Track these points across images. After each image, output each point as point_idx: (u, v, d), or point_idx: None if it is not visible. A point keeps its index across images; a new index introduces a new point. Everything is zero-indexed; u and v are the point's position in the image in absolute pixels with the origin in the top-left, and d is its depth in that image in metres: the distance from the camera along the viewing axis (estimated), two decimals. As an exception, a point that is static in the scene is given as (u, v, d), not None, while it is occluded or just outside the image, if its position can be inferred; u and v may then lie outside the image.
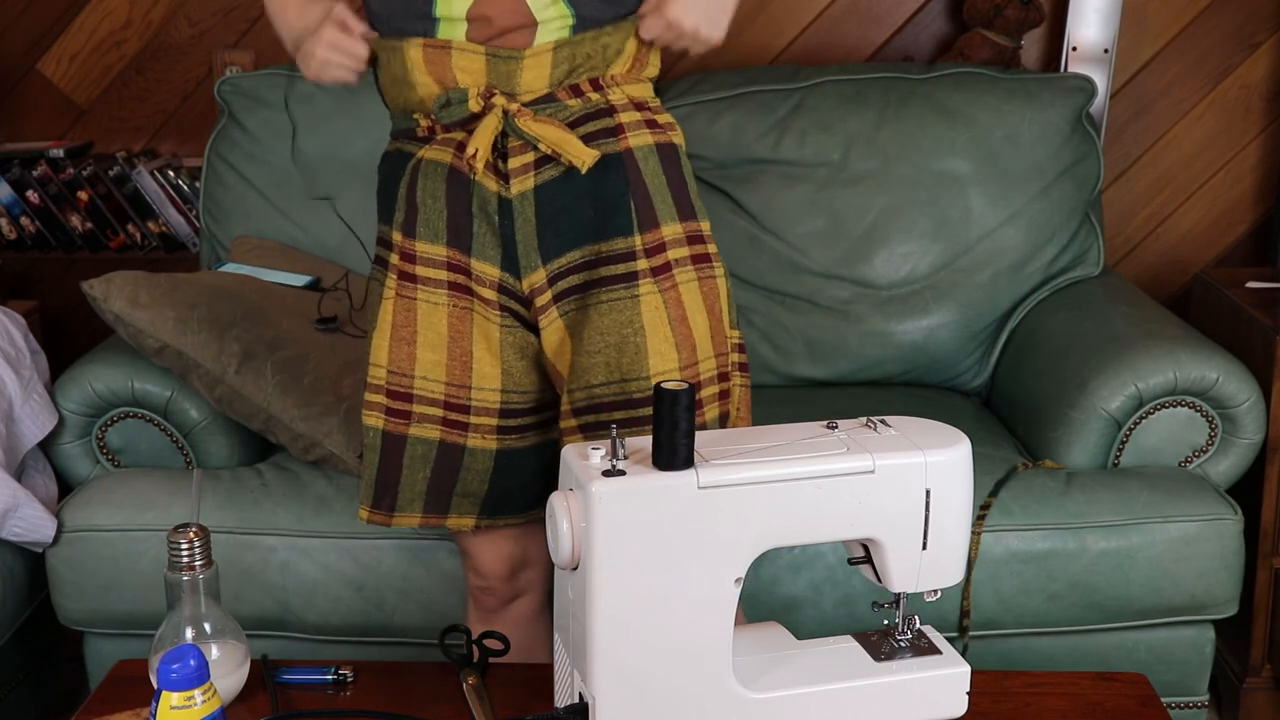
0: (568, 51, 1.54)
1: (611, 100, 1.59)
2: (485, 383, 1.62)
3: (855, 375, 2.69)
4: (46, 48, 3.05)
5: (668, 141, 1.63)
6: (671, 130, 1.65)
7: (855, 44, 3.02)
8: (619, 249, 1.57)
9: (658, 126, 1.63)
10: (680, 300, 1.59)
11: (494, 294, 1.59)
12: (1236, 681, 2.44)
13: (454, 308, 1.61)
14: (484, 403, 1.63)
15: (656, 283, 1.58)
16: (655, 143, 1.61)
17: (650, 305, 1.57)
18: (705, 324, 1.61)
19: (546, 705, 1.43)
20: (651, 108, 1.63)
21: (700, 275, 1.62)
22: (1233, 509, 2.20)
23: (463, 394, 1.62)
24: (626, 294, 1.56)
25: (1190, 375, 2.26)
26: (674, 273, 1.59)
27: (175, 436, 2.31)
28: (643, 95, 1.63)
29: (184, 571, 1.42)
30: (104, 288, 2.22)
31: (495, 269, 1.58)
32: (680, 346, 1.58)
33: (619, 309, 1.56)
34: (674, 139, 1.65)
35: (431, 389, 1.63)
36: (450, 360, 1.61)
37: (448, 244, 1.59)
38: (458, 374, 1.61)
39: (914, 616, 1.42)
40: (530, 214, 1.56)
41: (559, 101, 1.56)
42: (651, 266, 1.58)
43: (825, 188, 2.68)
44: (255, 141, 2.72)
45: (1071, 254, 2.70)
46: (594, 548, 1.25)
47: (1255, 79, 3.01)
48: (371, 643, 2.23)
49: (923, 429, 1.37)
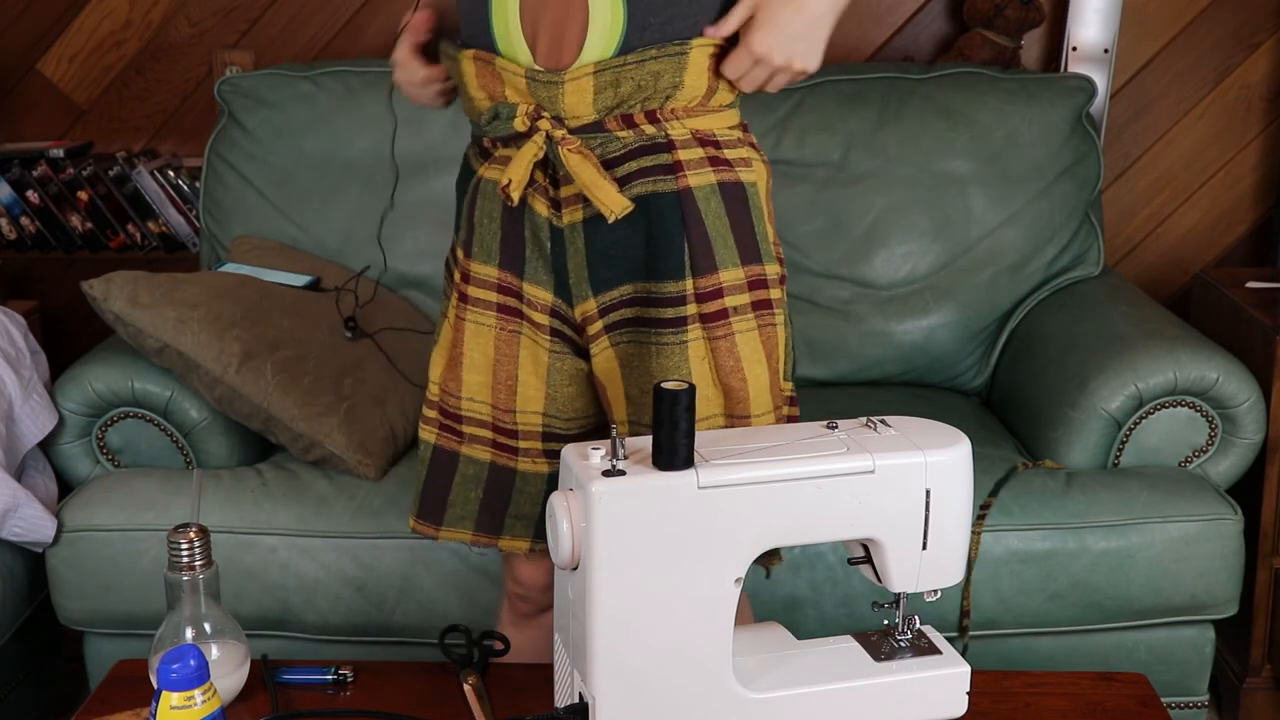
0: (611, 76, 1.43)
1: (671, 135, 1.47)
2: (529, 406, 1.58)
3: (855, 375, 2.69)
4: (46, 48, 3.05)
5: (734, 180, 1.51)
6: (743, 167, 1.52)
7: (855, 44, 3.02)
8: (669, 292, 1.49)
9: (724, 164, 1.50)
10: (735, 350, 1.50)
11: (546, 318, 1.55)
12: (1236, 681, 2.44)
13: (502, 330, 1.57)
14: (529, 426, 1.60)
15: (707, 330, 1.49)
16: (719, 181, 1.49)
17: (697, 353, 1.49)
18: (764, 376, 1.52)
19: (546, 705, 1.43)
20: (722, 142, 1.51)
21: (761, 324, 1.52)
22: (1233, 509, 2.21)
23: (508, 418, 1.59)
24: (675, 339, 1.49)
25: (1190, 375, 2.26)
26: (731, 320, 1.50)
27: (175, 436, 2.31)
28: (711, 128, 1.50)
29: (184, 571, 1.42)
30: (104, 288, 2.22)
31: (549, 294, 1.54)
32: (729, 397, 1.51)
33: (667, 354, 1.50)
34: (743, 176, 1.52)
35: (479, 410, 1.60)
36: (495, 383, 1.58)
37: (500, 265, 1.55)
38: (502, 398, 1.59)
39: (914, 616, 1.42)
40: (580, 245, 1.49)
41: (608, 132, 1.46)
42: (703, 312, 1.49)
43: (825, 188, 2.68)
44: (255, 141, 2.72)
45: (1071, 254, 2.70)
46: (594, 548, 1.25)
47: (1255, 79, 3.01)
48: (371, 643, 2.23)
49: (923, 429, 1.36)
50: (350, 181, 2.69)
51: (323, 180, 2.71)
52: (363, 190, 2.69)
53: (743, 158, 1.52)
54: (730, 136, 1.52)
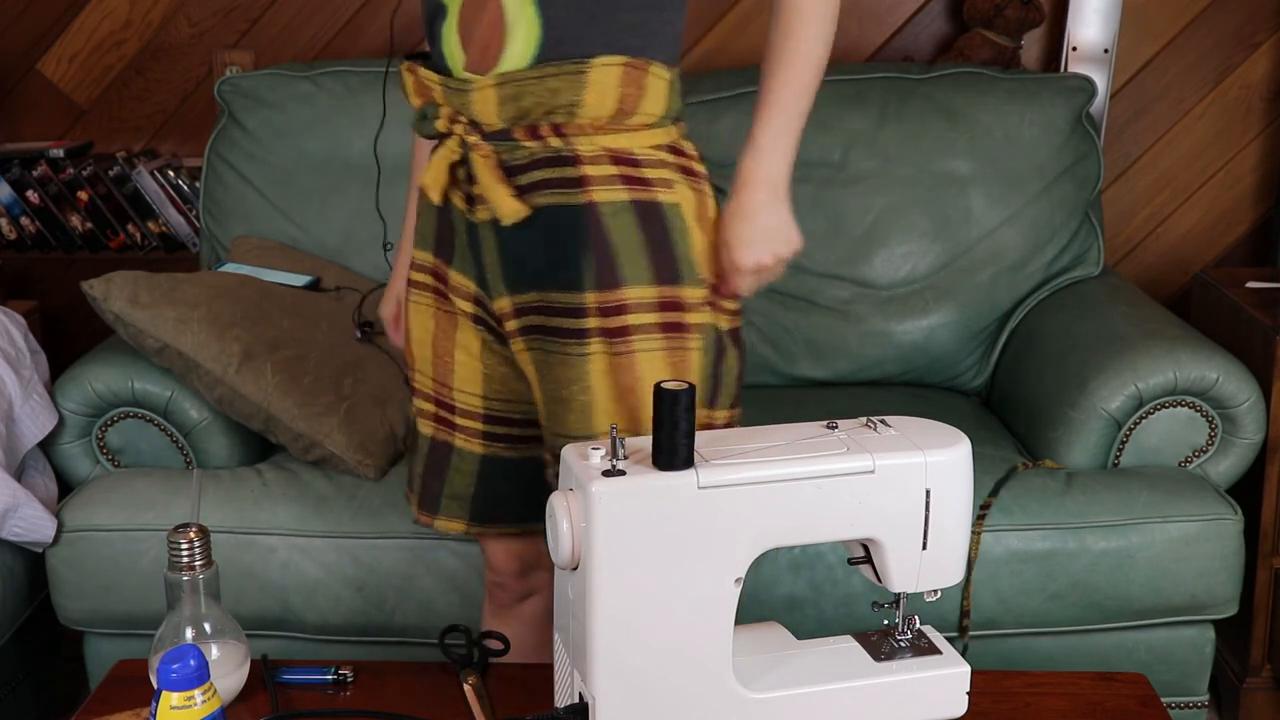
0: (513, 89, 1.46)
1: (578, 150, 1.49)
2: (466, 386, 1.63)
3: (855, 375, 2.69)
4: (46, 48, 3.05)
5: (651, 200, 1.50)
6: (663, 188, 1.51)
7: (855, 44, 3.02)
8: (569, 303, 1.51)
9: (640, 183, 1.50)
10: (634, 368, 1.50)
11: (471, 307, 1.60)
12: (1236, 681, 2.44)
13: (439, 310, 1.63)
14: (467, 405, 1.64)
15: (610, 345, 1.50)
16: (633, 200, 1.49)
17: (598, 366, 1.50)
18: None
19: (546, 705, 1.43)
20: (641, 161, 1.50)
21: (670, 345, 1.51)
22: (1233, 509, 2.20)
23: (446, 392, 1.65)
24: (577, 350, 1.51)
25: (1190, 375, 2.25)
26: (633, 338, 1.50)
27: (175, 436, 2.31)
28: (629, 147, 1.50)
29: (184, 571, 1.42)
30: (104, 288, 2.22)
31: (473, 284, 1.58)
32: (628, 415, 1.51)
33: (570, 364, 1.51)
34: (662, 197, 1.51)
35: (425, 385, 1.67)
36: (435, 358, 1.65)
37: (434, 253, 1.61)
38: (441, 372, 1.64)
39: (914, 616, 1.42)
40: (493, 244, 1.53)
41: (514, 140, 1.49)
42: (605, 327, 1.50)
43: (825, 188, 2.68)
44: (255, 141, 2.72)
45: (1071, 254, 2.70)
46: (594, 548, 1.25)
47: (1255, 79, 3.01)
48: (371, 643, 2.23)
49: (923, 429, 1.37)
50: (350, 181, 2.69)
51: (323, 180, 2.71)
52: (363, 190, 2.69)
53: (664, 178, 1.51)
54: (651, 156, 1.51)
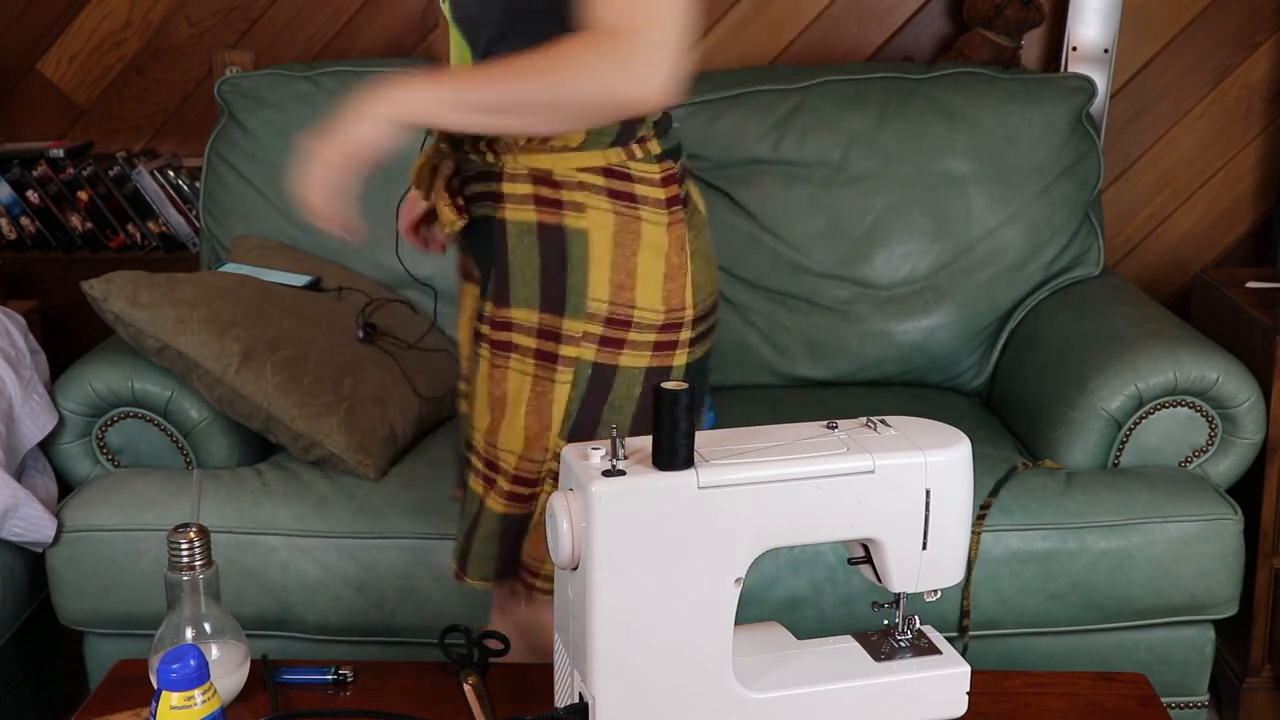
0: None
1: (505, 166, 1.49)
2: None
3: (855, 375, 2.69)
4: (46, 48, 3.05)
5: (556, 224, 1.47)
6: (573, 211, 1.47)
7: (855, 44, 3.02)
8: (481, 307, 1.57)
9: (551, 205, 1.48)
10: (504, 382, 1.53)
11: None
12: (1236, 681, 2.44)
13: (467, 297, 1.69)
14: None
15: (493, 354, 1.54)
16: (539, 222, 1.48)
17: (482, 370, 1.55)
18: (521, 420, 1.52)
19: (546, 705, 1.43)
20: (560, 183, 1.47)
21: (539, 373, 1.51)
22: (1233, 509, 2.20)
23: None
24: (478, 349, 1.57)
25: (1190, 375, 2.25)
26: (510, 355, 1.53)
27: (175, 436, 2.31)
28: (550, 168, 1.47)
29: (184, 571, 1.42)
30: (104, 288, 2.22)
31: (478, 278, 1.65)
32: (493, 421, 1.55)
33: (476, 363, 1.58)
34: (569, 222, 1.47)
35: None
36: None
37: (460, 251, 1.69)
38: None
39: (914, 616, 1.42)
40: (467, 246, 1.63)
41: (465, 153, 1.54)
42: (490, 338, 1.54)
43: (825, 188, 2.68)
44: (255, 141, 2.72)
45: (1071, 254, 2.70)
46: (594, 548, 1.25)
47: (1255, 79, 3.01)
48: (371, 643, 2.23)
49: (923, 429, 1.36)
50: (350, 181, 2.68)
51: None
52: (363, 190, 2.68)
53: (576, 202, 1.47)
54: (570, 179, 1.47)
